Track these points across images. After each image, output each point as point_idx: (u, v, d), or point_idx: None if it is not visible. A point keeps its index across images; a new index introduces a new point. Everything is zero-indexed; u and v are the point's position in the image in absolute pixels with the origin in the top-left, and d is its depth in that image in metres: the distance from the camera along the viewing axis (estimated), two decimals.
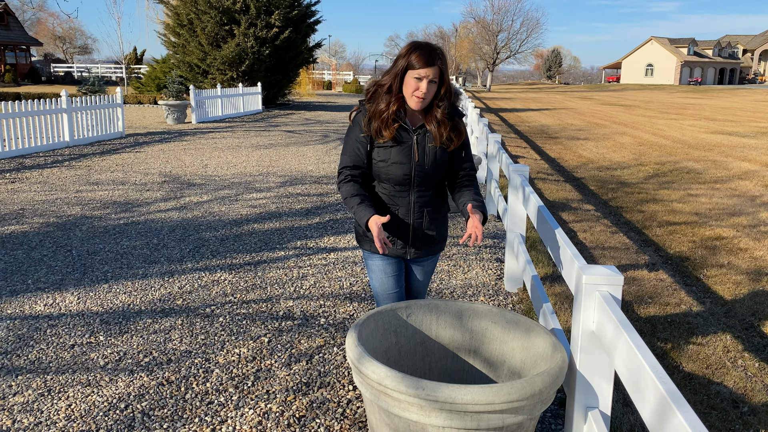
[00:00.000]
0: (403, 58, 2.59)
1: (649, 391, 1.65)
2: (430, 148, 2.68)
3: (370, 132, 2.67)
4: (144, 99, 26.66)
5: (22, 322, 4.14)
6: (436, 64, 2.55)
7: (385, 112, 2.62)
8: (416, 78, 2.56)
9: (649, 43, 79.39)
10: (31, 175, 9.60)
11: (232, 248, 5.87)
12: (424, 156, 2.68)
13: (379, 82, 2.69)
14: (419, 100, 2.59)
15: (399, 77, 2.60)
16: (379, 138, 2.66)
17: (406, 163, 2.67)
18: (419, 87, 2.56)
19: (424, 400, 2.07)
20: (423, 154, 2.68)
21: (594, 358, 2.31)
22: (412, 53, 2.57)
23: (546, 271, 5.40)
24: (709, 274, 5.47)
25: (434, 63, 2.54)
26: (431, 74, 2.55)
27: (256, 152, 12.48)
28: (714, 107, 31.26)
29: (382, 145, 2.67)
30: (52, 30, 66.81)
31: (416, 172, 2.68)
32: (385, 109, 2.62)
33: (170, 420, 3.01)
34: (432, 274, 3.08)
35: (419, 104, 2.60)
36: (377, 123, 2.64)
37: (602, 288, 2.24)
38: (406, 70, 2.58)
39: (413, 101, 2.60)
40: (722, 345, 4.03)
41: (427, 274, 3.03)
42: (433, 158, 2.69)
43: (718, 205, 8.35)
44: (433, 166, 2.70)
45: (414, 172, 2.68)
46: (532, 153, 13.62)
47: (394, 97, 2.62)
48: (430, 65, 2.54)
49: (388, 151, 2.66)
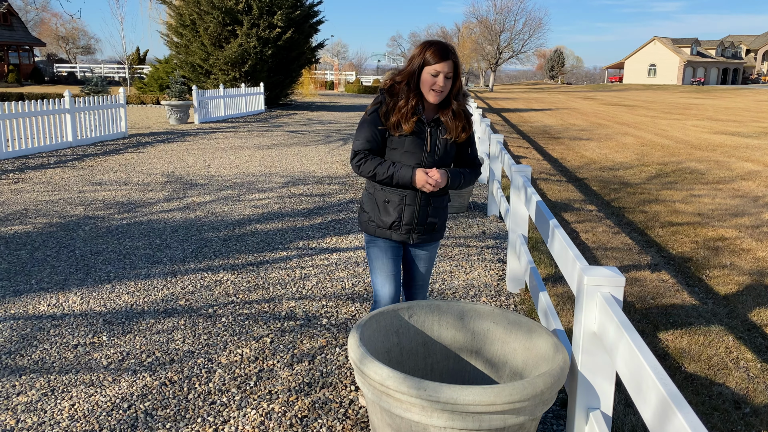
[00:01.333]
0: (418, 56, 2.75)
1: (651, 392, 1.65)
2: (442, 141, 2.87)
3: (387, 125, 2.83)
4: (147, 99, 26.70)
5: (25, 322, 4.16)
6: (450, 58, 2.71)
7: (404, 107, 2.78)
8: (432, 74, 2.71)
9: (652, 43, 79.29)
10: (34, 176, 9.63)
11: (234, 248, 5.88)
12: (435, 147, 2.87)
13: (395, 78, 2.84)
14: (437, 94, 2.75)
15: (416, 74, 2.76)
16: (396, 132, 2.82)
17: (418, 153, 2.84)
18: (436, 81, 2.72)
19: (426, 401, 2.08)
20: (435, 145, 2.86)
21: (595, 358, 2.31)
22: (426, 50, 2.73)
23: (548, 272, 5.40)
24: (711, 275, 5.46)
25: (448, 57, 2.71)
26: (446, 69, 2.71)
27: (258, 152, 12.50)
28: (717, 107, 31.21)
29: (397, 136, 2.84)
30: (55, 30, 66.95)
31: (426, 162, 2.86)
32: (404, 105, 2.78)
33: (173, 420, 3.02)
34: (434, 262, 3.22)
35: (438, 97, 2.76)
36: (396, 117, 2.79)
37: (604, 289, 2.25)
38: (423, 67, 2.74)
39: (432, 95, 2.76)
40: (724, 346, 4.03)
41: (429, 261, 3.16)
42: (443, 150, 2.88)
43: (720, 206, 8.34)
44: (442, 157, 2.89)
45: (424, 161, 2.86)
46: (534, 153, 13.61)
47: (413, 93, 2.78)
48: (445, 60, 2.70)
49: (403, 141, 2.83)
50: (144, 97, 26.79)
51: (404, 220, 2.94)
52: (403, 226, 2.95)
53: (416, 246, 3.09)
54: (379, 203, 2.96)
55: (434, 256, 3.18)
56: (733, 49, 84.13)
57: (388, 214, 2.94)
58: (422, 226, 2.97)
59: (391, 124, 2.80)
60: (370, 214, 3.01)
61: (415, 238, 2.99)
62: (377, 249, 3.03)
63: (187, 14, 23.37)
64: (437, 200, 2.98)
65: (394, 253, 3.03)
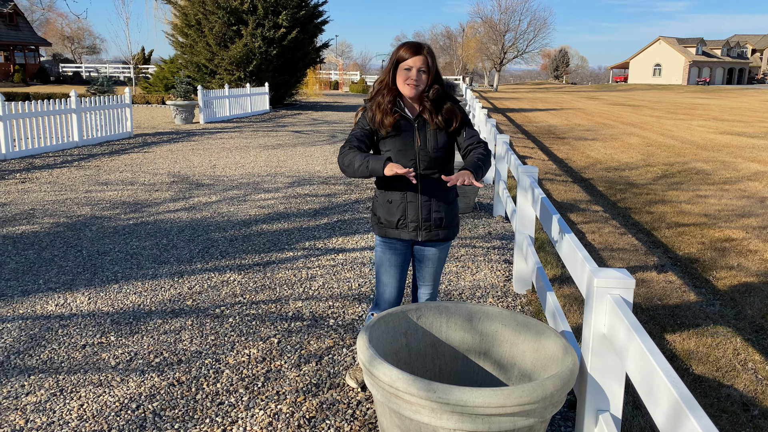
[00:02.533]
0: (394, 55, 2.92)
1: (663, 395, 1.65)
2: (431, 133, 2.94)
3: (374, 125, 2.94)
4: (152, 99, 26.76)
5: (33, 322, 4.17)
6: (422, 53, 2.84)
7: (383, 102, 2.92)
8: (406, 69, 2.86)
9: (657, 43, 79.09)
10: (41, 175, 9.67)
11: (241, 249, 5.89)
12: (426, 140, 2.93)
13: (378, 80, 3.01)
14: (412, 87, 2.86)
15: (391, 71, 2.91)
16: (381, 129, 2.92)
17: (410, 149, 2.92)
18: (410, 75, 2.85)
19: (436, 403, 2.08)
20: (425, 138, 2.93)
21: (605, 361, 2.31)
22: (400, 48, 2.89)
23: (554, 273, 5.39)
24: (718, 276, 5.45)
25: (420, 52, 2.84)
26: (419, 63, 2.84)
27: (264, 152, 12.51)
28: (723, 107, 31.11)
29: (387, 137, 2.94)
30: (61, 30, 67.15)
31: (420, 156, 2.93)
32: (382, 99, 2.93)
33: (181, 420, 3.03)
34: (443, 263, 3.20)
35: (412, 91, 2.86)
36: (379, 114, 2.92)
37: (614, 291, 2.24)
38: (397, 64, 2.89)
39: (407, 89, 2.87)
40: (732, 347, 4.02)
41: (438, 262, 3.17)
42: (434, 141, 2.94)
43: (727, 207, 8.32)
44: (435, 148, 2.94)
45: (418, 156, 2.93)
46: (539, 153, 13.59)
47: (388, 89, 2.93)
48: (417, 54, 2.84)
49: (393, 141, 2.93)
50: (149, 97, 26.85)
51: (409, 217, 3.00)
52: (409, 224, 3.01)
53: (426, 245, 3.11)
54: (385, 204, 3.05)
55: (444, 257, 3.18)
56: (739, 48, 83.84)
57: (392, 213, 3.02)
58: (429, 222, 3.01)
59: (376, 122, 2.93)
60: (379, 215, 3.10)
61: (423, 234, 3.03)
62: (386, 252, 3.10)
63: (192, 14, 23.41)
64: (440, 194, 3.00)
65: (401, 259, 3.11)
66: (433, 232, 3.03)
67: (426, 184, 2.97)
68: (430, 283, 3.22)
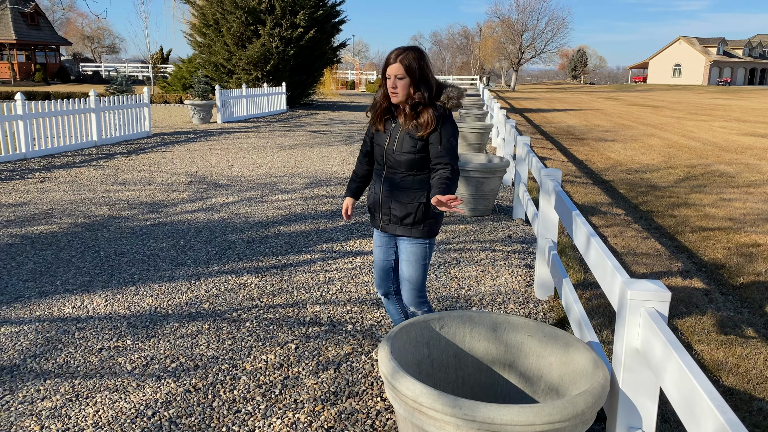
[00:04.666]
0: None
1: (708, 420, 1.55)
2: (400, 136, 3.14)
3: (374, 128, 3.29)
4: (170, 98, 26.89)
5: (50, 325, 4.14)
6: (396, 61, 2.99)
7: (378, 109, 3.20)
8: (387, 77, 3.06)
9: (678, 43, 78.16)
10: (60, 175, 9.70)
11: (258, 251, 5.84)
12: (394, 142, 3.16)
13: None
14: (393, 94, 3.07)
15: (383, 80, 3.12)
16: (374, 130, 3.27)
17: (383, 147, 3.20)
18: (389, 84, 3.05)
19: (462, 420, 2.00)
20: (393, 140, 3.16)
21: (638, 376, 2.21)
22: (385, 59, 3.09)
23: (577, 278, 5.28)
24: (745, 283, 5.30)
25: (395, 61, 3.00)
26: (395, 71, 3.01)
27: (281, 153, 12.48)
28: (744, 108, 30.63)
29: (375, 134, 3.28)
30: (81, 30, 67.83)
31: (387, 155, 3.19)
32: (378, 107, 3.21)
33: (197, 429, 2.97)
34: (416, 264, 3.23)
35: (394, 98, 3.07)
36: (372, 118, 3.25)
37: (648, 304, 2.14)
38: (384, 74, 3.10)
39: (391, 96, 3.09)
40: (763, 358, 3.89)
41: (409, 258, 3.23)
42: (400, 144, 3.13)
43: (752, 210, 8.13)
44: (401, 151, 3.12)
45: (386, 153, 3.19)
46: (558, 155, 13.43)
47: (383, 96, 3.17)
48: (394, 62, 3.01)
49: (377, 138, 3.25)
50: (167, 96, 26.97)
51: (374, 207, 3.30)
52: (374, 213, 3.32)
53: (399, 238, 3.27)
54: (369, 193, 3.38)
55: (415, 256, 3.22)
56: (761, 48, 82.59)
57: (369, 201, 3.36)
58: (387, 216, 3.23)
59: (374, 126, 3.25)
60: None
61: (381, 225, 3.29)
62: (374, 237, 3.44)
63: (210, 14, 23.48)
64: (399, 192, 3.16)
65: (382, 242, 3.38)
66: (391, 226, 3.24)
67: (389, 180, 3.20)
68: (405, 279, 3.26)
